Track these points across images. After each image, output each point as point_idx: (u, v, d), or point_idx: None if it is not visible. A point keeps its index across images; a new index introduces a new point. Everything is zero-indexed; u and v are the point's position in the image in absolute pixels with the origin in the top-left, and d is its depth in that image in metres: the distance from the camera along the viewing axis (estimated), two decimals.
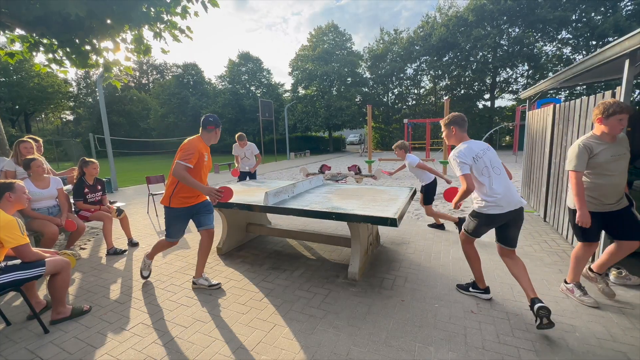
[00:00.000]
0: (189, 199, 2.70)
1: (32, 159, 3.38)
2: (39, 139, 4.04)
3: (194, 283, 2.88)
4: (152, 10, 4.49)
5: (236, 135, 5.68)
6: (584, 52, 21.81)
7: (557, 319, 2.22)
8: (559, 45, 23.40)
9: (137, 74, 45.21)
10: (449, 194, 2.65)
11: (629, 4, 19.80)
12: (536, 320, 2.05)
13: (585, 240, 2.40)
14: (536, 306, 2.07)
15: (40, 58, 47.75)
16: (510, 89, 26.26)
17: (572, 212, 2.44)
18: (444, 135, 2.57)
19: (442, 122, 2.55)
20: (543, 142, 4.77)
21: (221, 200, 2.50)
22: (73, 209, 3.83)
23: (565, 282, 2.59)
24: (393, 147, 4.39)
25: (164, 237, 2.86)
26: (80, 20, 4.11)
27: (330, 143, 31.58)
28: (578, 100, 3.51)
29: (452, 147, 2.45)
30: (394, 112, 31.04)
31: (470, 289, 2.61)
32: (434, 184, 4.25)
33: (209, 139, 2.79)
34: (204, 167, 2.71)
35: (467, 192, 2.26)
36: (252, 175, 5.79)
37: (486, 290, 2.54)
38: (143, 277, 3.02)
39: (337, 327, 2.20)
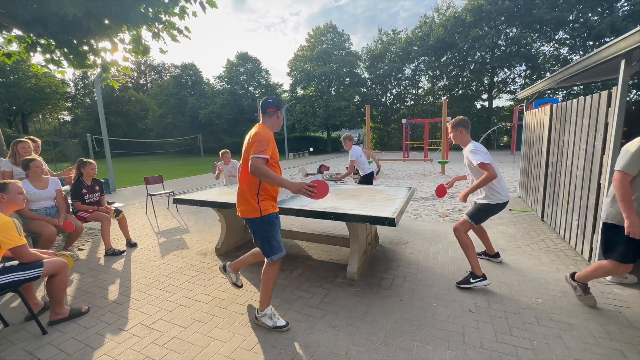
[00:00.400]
0: (275, 200, 2.23)
1: (32, 159, 3.38)
2: (37, 139, 4.03)
3: (224, 269, 2.62)
4: (150, 10, 4.49)
5: (220, 152, 5.34)
6: (581, 53, 21.93)
7: (554, 318, 2.24)
8: (556, 46, 23.55)
9: (135, 74, 45.13)
10: (440, 191, 3.03)
11: (626, 4, 19.94)
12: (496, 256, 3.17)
13: (621, 261, 2.06)
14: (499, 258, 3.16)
15: (37, 58, 47.60)
16: (508, 89, 26.40)
17: (607, 227, 2.14)
18: (451, 136, 2.81)
19: (449, 125, 2.80)
20: (540, 142, 4.79)
21: (314, 197, 2.01)
22: (71, 210, 3.82)
23: (573, 277, 2.45)
24: (342, 138, 4.94)
25: (266, 264, 2.21)
26: (78, 20, 4.10)
27: (329, 143, 31.62)
28: (575, 100, 3.53)
29: (450, 148, 2.59)
30: (393, 112, 31.10)
31: (471, 280, 2.69)
32: (371, 175, 4.89)
33: (273, 125, 2.24)
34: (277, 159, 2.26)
35: (488, 179, 2.51)
36: None
37: (484, 277, 2.68)
38: (283, 328, 2.22)
39: (336, 327, 2.21)
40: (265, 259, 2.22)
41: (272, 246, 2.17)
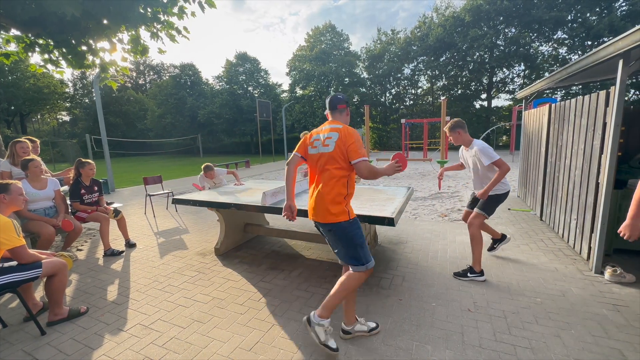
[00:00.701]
0: None
1: (31, 159, 3.37)
2: (36, 139, 4.02)
3: (347, 332, 2.08)
4: (149, 10, 4.48)
5: (203, 166, 4.76)
6: (579, 52, 21.97)
7: (553, 317, 2.25)
8: (555, 46, 23.59)
9: (134, 74, 45.03)
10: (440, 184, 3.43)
11: (624, 4, 19.98)
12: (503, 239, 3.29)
13: None
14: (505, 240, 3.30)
15: (36, 58, 47.45)
16: (507, 88, 26.42)
17: None
18: (451, 139, 2.93)
19: (446, 129, 2.91)
20: (539, 141, 4.80)
21: (402, 170, 2.03)
22: (70, 210, 3.81)
23: None
24: (301, 135, 5.11)
25: (354, 272, 1.91)
26: (76, 20, 4.10)
27: None
28: (573, 100, 3.53)
29: (449, 148, 2.66)
30: (392, 112, 31.10)
31: (469, 275, 2.84)
32: None
33: (344, 123, 2.12)
34: None
35: (505, 172, 2.68)
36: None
37: (482, 273, 2.84)
38: (332, 350, 1.87)
39: (335, 327, 2.21)
40: (350, 268, 1.94)
41: (366, 251, 1.93)
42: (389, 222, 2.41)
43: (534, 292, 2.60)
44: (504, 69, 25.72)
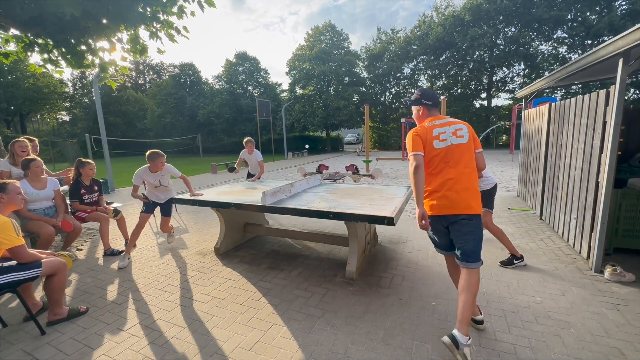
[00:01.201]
0: None
1: (32, 159, 3.37)
2: (34, 138, 4.02)
3: (478, 322, 2.11)
4: (149, 10, 4.47)
5: (147, 154, 3.47)
6: (579, 52, 21.94)
7: (553, 316, 2.25)
8: (555, 45, 23.55)
9: (134, 74, 44.96)
10: None
11: (624, 3, 19.95)
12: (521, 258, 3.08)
13: None
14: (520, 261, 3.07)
15: (35, 58, 47.40)
16: (507, 88, 26.39)
17: None
18: None
19: None
20: (539, 141, 4.80)
21: None
22: (69, 210, 3.81)
23: None
24: (244, 141, 5.29)
25: (472, 272, 1.89)
26: (75, 20, 4.09)
27: (328, 143, 31.58)
28: (573, 99, 3.53)
29: None
30: (392, 111, 31.06)
31: (514, 261, 3.06)
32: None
33: None
34: None
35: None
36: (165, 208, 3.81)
37: (522, 258, 3.09)
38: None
39: (335, 326, 2.21)
40: (468, 266, 1.90)
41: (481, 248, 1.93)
42: (389, 221, 2.40)
43: (533, 291, 2.61)
44: (504, 68, 25.68)
